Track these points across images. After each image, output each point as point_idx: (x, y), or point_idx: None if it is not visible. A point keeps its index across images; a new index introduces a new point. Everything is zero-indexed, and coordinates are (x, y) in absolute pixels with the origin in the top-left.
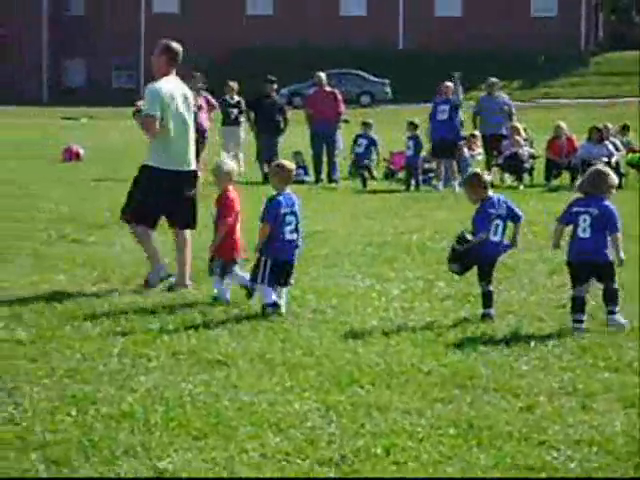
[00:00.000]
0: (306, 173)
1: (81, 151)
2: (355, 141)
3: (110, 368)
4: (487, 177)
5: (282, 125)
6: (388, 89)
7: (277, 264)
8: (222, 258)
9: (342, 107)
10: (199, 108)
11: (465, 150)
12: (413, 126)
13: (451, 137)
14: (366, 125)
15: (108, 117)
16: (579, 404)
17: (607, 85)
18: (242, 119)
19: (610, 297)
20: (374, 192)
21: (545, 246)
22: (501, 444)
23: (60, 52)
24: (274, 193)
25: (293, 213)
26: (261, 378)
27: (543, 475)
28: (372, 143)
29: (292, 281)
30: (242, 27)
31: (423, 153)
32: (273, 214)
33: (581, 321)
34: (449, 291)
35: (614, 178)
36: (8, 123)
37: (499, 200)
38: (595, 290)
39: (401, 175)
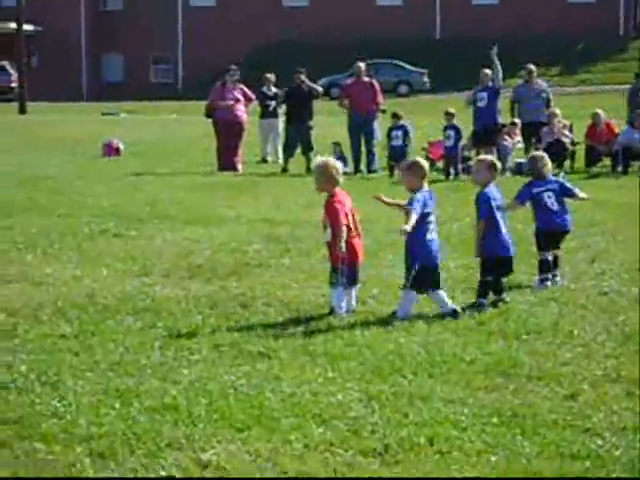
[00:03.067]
0: (345, 164)
1: (121, 146)
2: (389, 134)
3: (153, 361)
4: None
5: (312, 111)
6: (426, 78)
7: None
8: (346, 265)
9: (380, 97)
10: (236, 101)
11: (506, 137)
12: (450, 115)
13: (491, 124)
14: (396, 117)
15: (147, 111)
16: (623, 391)
17: None
18: (280, 111)
19: (559, 262)
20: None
21: (586, 234)
22: (545, 432)
23: (98, 47)
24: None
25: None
26: (303, 369)
27: (588, 464)
28: (405, 133)
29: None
30: (279, 19)
31: (462, 142)
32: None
33: (547, 278)
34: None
35: (545, 159)
36: (50, 119)
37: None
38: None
39: (440, 164)
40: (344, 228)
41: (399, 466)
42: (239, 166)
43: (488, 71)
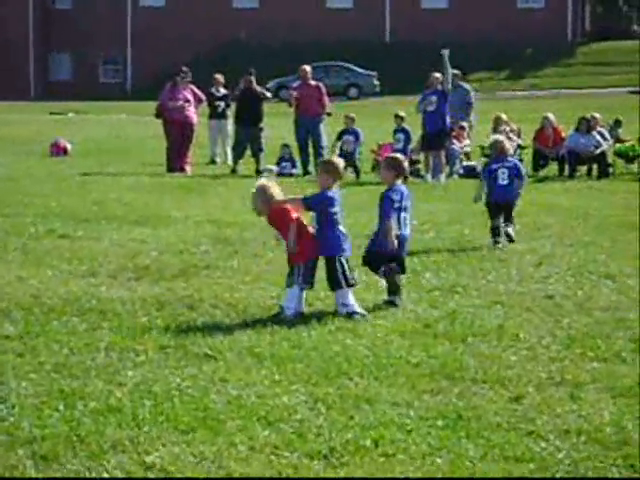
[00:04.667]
0: (293, 166)
1: (68, 146)
2: (339, 137)
3: (98, 363)
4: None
5: (261, 113)
6: (376, 81)
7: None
8: (302, 264)
9: (326, 100)
10: (186, 101)
11: (454, 141)
12: (400, 119)
13: (440, 129)
14: (349, 119)
15: (95, 111)
16: (567, 394)
17: (594, 75)
18: (229, 112)
19: (510, 220)
20: (361, 184)
21: (533, 237)
22: (489, 435)
23: (46, 46)
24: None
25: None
26: (249, 371)
27: (532, 466)
28: (357, 137)
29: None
30: (228, 20)
31: (411, 145)
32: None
33: (499, 241)
34: (437, 282)
35: (504, 142)
36: None
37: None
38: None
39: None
40: (292, 225)
41: (344, 468)
42: (188, 168)
43: (438, 75)
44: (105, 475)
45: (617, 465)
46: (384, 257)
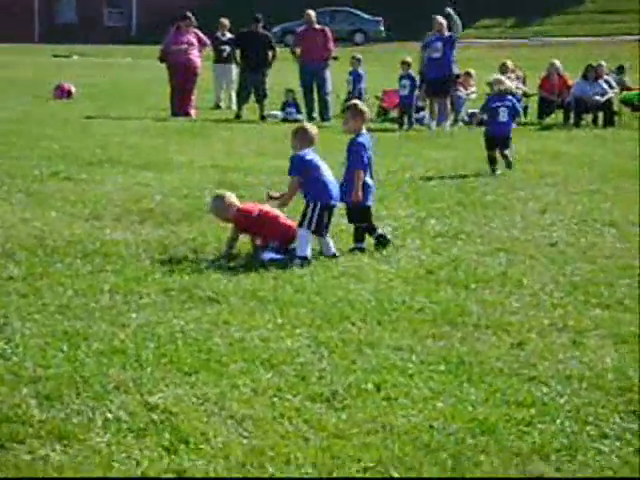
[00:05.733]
0: (298, 111)
1: (72, 89)
2: (349, 80)
3: (101, 305)
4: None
5: (269, 59)
6: (382, 27)
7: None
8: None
9: (331, 44)
10: (190, 45)
11: (459, 88)
12: (406, 65)
13: (445, 75)
14: (353, 60)
15: (100, 55)
16: (570, 340)
17: (602, 23)
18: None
19: (508, 145)
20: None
21: (538, 185)
22: (491, 380)
23: None
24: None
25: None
26: (253, 315)
27: (533, 411)
28: (359, 79)
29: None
30: None
31: (417, 92)
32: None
33: (495, 169)
34: (441, 229)
35: (504, 81)
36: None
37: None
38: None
39: (394, 114)
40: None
41: (346, 411)
42: (192, 111)
43: (442, 20)
44: (109, 415)
45: (618, 411)
46: (359, 208)
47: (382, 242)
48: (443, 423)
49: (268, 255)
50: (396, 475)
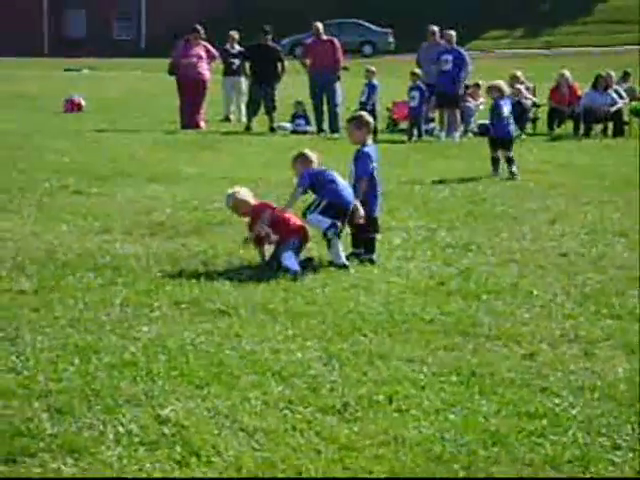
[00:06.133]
0: (307, 123)
1: (83, 102)
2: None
3: (112, 318)
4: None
5: (279, 72)
6: (391, 39)
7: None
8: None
9: (340, 55)
10: (199, 58)
11: (469, 99)
12: (416, 76)
13: (455, 88)
14: (368, 72)
15: (109, 68)
16: (581, 351)
17: (611, 34)
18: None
19: (510, 155)
20: (376, 142)
21: (548, 195)
22: (503, 391)
23: (61, 2)
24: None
25: None
26: (263, 327)
27: (545, 422)
28: (373, 91)
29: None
30: None
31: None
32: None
33: (497, 170)
34: (451, 240)
35: (503, 84)
36: (10, 74)
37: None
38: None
39: (404, 125)
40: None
41: (358, 423)
42: (202, 124)
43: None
44: (121, 429)
45: (631, 422)
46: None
47: (368, 262)
48: (455, 434)
49: (288, 257)
50: None
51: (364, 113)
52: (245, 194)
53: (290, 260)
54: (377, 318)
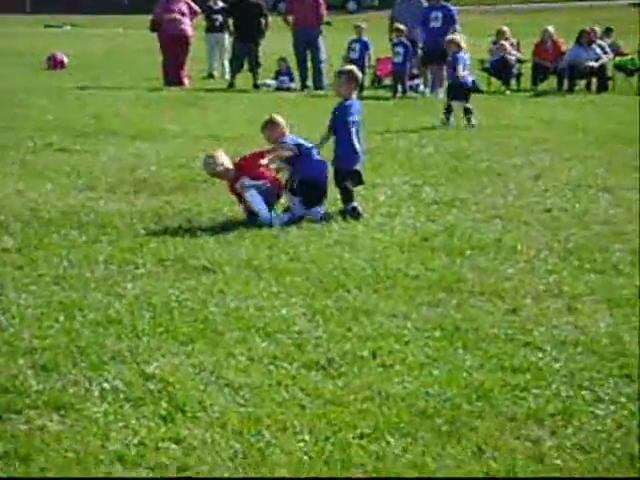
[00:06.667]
0: (291, 79)
1: (65, 59)
2: (349, 46)
3: (97, 275)
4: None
5: (262, 28)
6: None
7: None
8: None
9: (323, 10)
10: (182, 14)
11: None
12: (399, 32)
13: (443, 45)
14: (358, 28)
15: (92, 25)
16: (564, 306)
17: None
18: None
19: (471, 110)
20: (361, 99)
21: (532, 151)
22: (486, 346)
23: None
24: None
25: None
26: (248, 284)
27: (528, 376)
28: (365, 47)
29: None
30: None
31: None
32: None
33: (449, 119)
34: (435, 196)
35: (460, 39)
36: None
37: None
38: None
39: (388, 81)
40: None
41: (342, 379)
42: (186, 81)
43: None
44: (106, 385)
45: (613, 375)
46: (345, 172)
47: (353, 215)
48: (439, 389)
49: (252, 195)
50: (392, 441)
51: (354, 67)
52: (220, 161)
53: (255, 198)
54: (361, 274)
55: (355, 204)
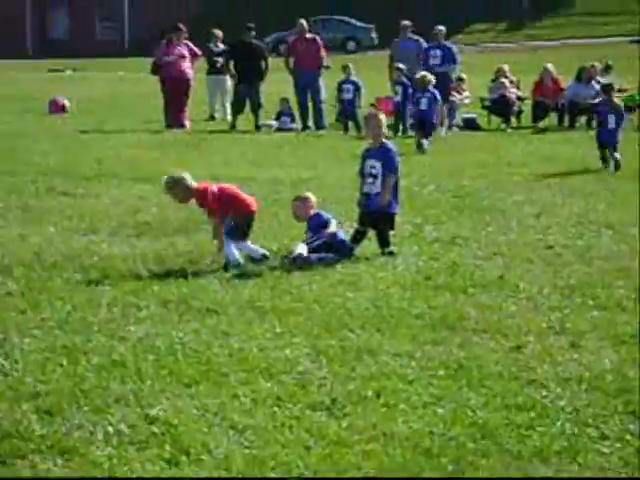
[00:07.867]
0: (293, 120)
1: (67, 103)
2: (339, 88)
3: (100, 318)
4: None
5: (263, 70)
6: (374, 34)
7: None
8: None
9: (323, 52)
10: (182, 57)
11: (454, 94)
12: (400, 71)
13: (442, 83)
14: (346, 68)
15: (93, 69)
16: (568, 343)
17: (593, 25)
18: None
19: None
20: (362, 138)
21: (533, 188)
22: (491, 384)
23: (44, 3)
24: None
25: None
26: (251, 325)
27: (533, 414)
28: (357, 88)
29: None
30: None
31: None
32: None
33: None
34: (437, 234)
35: (428, 76)
36: None
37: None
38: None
39: (389, 120)
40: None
41: (346, 419)
42: (186, 122)
43: (442, 27)
44: (110, 429)
45: (618, 412)
46: (381, 215)
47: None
48: (443, 428)
49: (226, 244)
50: None
51: (376, 111)
52: (184, 184)
53: (228, 248)
54: (364, 314)
55: (393, 248)
